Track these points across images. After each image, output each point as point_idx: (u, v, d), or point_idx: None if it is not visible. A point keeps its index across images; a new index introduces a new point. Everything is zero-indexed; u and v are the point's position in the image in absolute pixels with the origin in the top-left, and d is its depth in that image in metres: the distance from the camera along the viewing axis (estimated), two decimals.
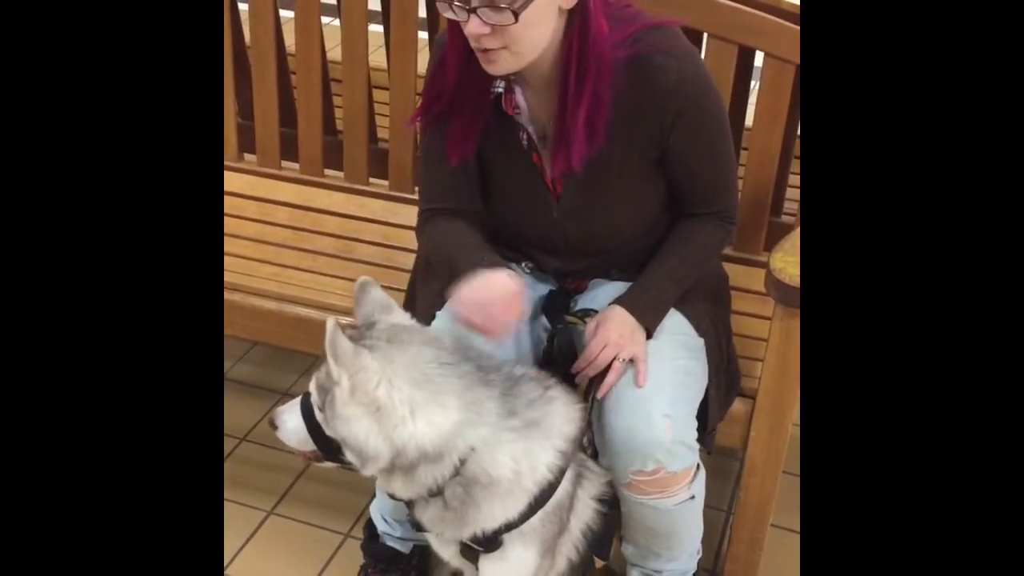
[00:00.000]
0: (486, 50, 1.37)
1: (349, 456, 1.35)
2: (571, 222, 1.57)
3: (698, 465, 1.54)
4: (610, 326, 1.50)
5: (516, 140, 1.53)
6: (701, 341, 1.59)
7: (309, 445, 1.39)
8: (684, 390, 1.53)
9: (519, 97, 1.50)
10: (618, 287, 1.58)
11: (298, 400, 1.40)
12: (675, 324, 1.58)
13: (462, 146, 1.52)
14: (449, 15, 1.36)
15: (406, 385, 1.31)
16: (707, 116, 1.50)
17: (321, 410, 1.35)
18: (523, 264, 1.66)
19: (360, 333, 1.37)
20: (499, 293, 1.39)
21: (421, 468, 1.34)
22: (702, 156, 1.53)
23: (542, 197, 1.56)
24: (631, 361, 1.49)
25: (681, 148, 1.50)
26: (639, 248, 1.61)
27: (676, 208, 1.60)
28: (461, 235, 1.56)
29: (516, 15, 1.31)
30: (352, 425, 1.31)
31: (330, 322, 1.27)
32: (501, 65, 1.39)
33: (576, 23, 1.38)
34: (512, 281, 1.41)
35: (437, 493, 1.37)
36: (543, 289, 1.66)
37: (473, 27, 1.33)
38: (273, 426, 1.43)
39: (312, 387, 1.36)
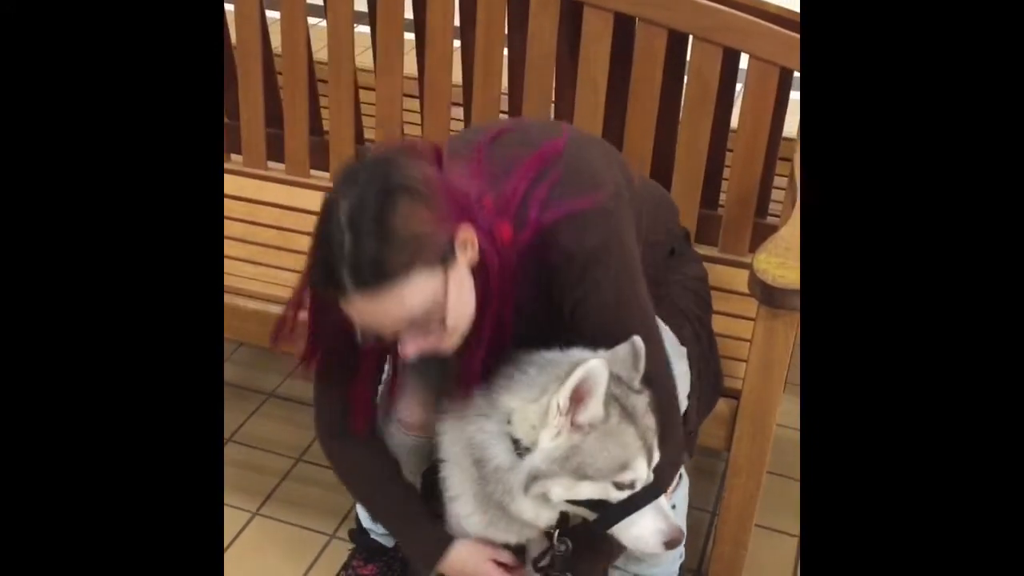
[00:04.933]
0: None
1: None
2: None
3: (680, 475, 1.54)
4: None
5: None
6: (684, 349, 1.58)
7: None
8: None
9: None
10: None
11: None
12: None
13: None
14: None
15: None
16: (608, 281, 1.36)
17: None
18: None
19: None
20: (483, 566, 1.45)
21: None
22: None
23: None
24: None
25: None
26: None
27: None
28: (386, 483, 1.50)
29: (443, 322, 1.24)
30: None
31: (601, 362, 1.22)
32: (451, 342, 1.29)
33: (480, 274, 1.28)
34: (483, 550, 1.45)
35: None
36: None
37: (410, 350, 1.27)
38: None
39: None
